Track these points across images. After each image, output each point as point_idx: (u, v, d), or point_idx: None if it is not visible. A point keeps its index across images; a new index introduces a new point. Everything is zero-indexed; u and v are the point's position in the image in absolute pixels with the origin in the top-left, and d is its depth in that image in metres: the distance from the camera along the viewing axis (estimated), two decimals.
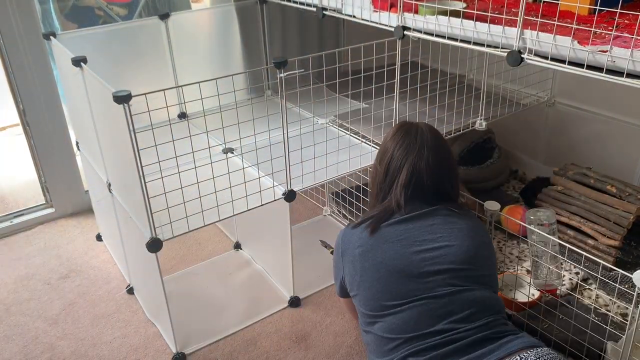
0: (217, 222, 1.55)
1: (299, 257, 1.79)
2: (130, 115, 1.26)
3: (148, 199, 1.37)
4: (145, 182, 1.35)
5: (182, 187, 1.42)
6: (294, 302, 1.83)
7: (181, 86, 1.38)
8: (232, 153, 1.73)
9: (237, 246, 2.13)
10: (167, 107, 1.31)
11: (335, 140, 1.86)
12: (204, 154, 1.47)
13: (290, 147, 1.59)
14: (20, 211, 2.35)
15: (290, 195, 1.63)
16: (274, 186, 1.64)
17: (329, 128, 1.99)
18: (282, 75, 1.43)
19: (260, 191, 1.58)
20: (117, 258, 2.07)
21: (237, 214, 1.55)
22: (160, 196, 1.40)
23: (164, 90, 1.30)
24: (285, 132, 1.55)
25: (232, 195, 1.52)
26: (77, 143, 2.08)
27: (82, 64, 1.52)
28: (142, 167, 1.33)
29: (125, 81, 1.97)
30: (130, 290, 1.91)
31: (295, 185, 1.65)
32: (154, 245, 1.44)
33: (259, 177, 1.59)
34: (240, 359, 1.62)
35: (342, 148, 1.75)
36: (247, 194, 1.55)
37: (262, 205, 1.59)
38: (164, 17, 2.02)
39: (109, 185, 1.70)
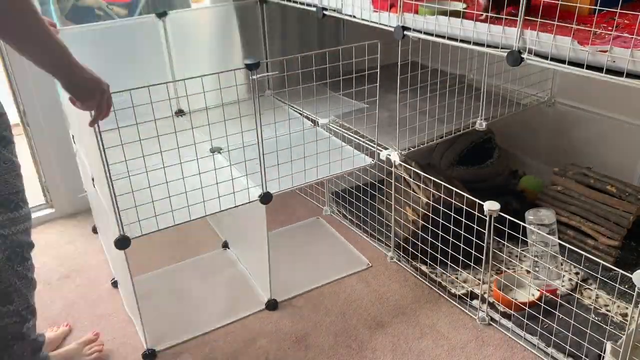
0: (187, 222, 1.53)
1: (295, 257, 1.78)
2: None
3: (115, 196, 1.38)
4: (112, 180, 1.36)
5: (149, 187, 1.43)
6: (271, 304, 1.80)
7: (166, 82, 1.40)
8: (220, 153, 1.73)
9: (225, 245, 2.12)
10: (151, 103, 1.33)
11: (324, 141, 1.84)
12: (188, 152, 1.47)
13: (277, 147, 1.58)
14: None
15: (266, 198, 1.61)
16: (248, 187, 1.63)
17: (319, 130, 1.98)
18: (254, 77, 1.44)
19: (233, 192, 1.57)
20: (107, 252, 2.08)
21: (209, 215, 1.55)
22: (135, 193, 1.41)
23: (147, 86, 1.32)
24: (259, 133, 1.52)
25: (203, 195, 1.52)
26: (72, 136, 2.07)
27: None
28: (108, 164, 1.34)
29: (122, 79, 1.95)
30: (115, 284, 1.92)
31: (272, 187, 1.63)
32: (122, 242, 1.44)
33: (232, 179, 1.57)
34: (241, 359, 1.62)
35: (321, 152, 1.73)
36: (219, 195, 1.54)
37: (235, 206, 1.58)
38: (162, 15, 2.02)
39: (92, 179, 1.71)
